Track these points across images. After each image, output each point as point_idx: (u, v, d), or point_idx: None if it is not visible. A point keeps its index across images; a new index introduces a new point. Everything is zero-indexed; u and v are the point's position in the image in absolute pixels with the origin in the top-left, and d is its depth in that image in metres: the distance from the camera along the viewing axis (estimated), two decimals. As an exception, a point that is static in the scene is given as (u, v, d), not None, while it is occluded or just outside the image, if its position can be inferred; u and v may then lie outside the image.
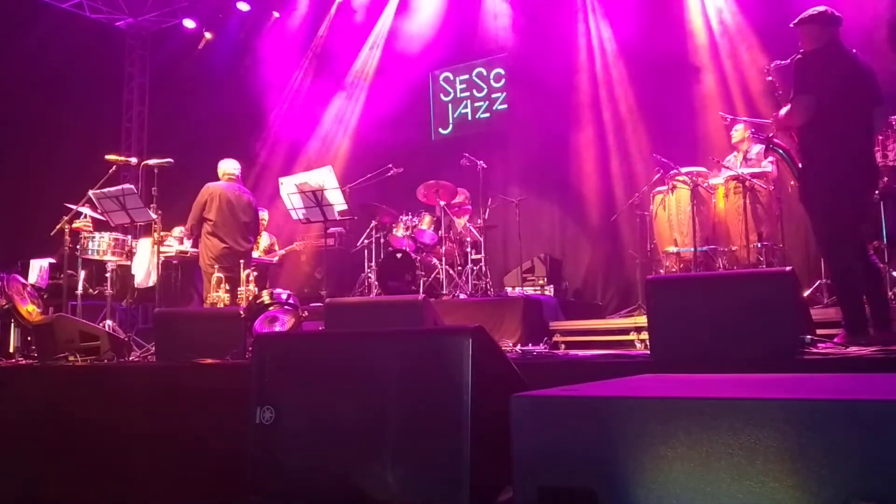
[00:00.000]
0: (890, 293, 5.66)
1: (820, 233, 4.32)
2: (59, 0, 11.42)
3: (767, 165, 7.00)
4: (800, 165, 4.37)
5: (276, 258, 8.89)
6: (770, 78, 4.81)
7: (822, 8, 4.40)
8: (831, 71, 4.22)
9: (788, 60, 4.45)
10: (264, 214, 8.72)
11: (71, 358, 5.66)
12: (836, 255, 4.24)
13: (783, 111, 4.36)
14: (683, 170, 7.15)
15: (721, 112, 7.42)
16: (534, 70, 9.75)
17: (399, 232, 8.54)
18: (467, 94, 10.77)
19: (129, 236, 7.75)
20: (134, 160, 9.55)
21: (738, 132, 7.30)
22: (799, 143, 4.36)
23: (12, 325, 7.31)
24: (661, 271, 7.30)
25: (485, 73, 10.63)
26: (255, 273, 7.42)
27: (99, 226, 7.74)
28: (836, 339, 4.07)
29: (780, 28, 7.90)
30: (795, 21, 4.46)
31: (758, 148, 7.24)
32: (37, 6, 11.10)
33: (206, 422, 4.01)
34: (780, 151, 4.62)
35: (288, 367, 2.32)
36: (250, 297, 6.81)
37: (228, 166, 7.89)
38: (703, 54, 8.66)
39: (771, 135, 4.80)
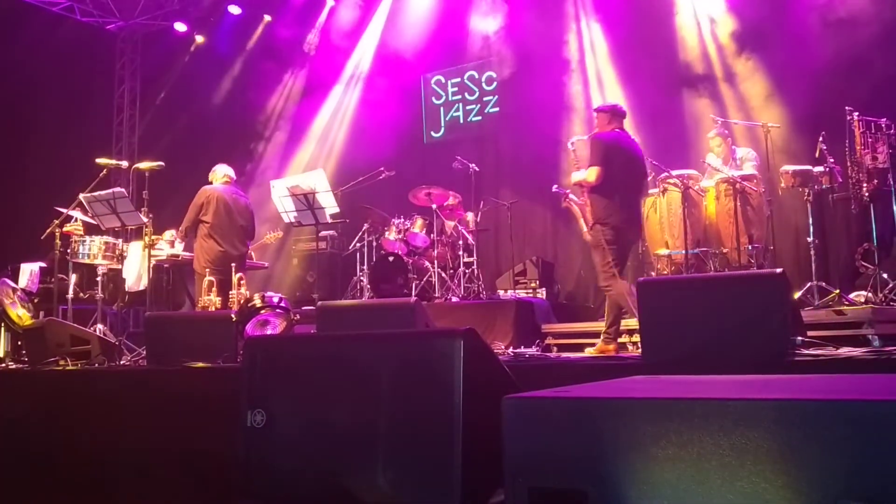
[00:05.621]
0: (881, 295, 5.70)
1: (600, 265, 5.54)
2: (49, 3, 11.37)
3: (750, 168, 7.02)
4: (591, 219, 5.70)
5: (252, 252, 8.80)
6: (572, 148, 6.46)
7: (613, 102, 6.27)
8: (615, 150, 5.59)
9: (586, 137, 6.14)
10: None
11: (62, 362, 5.64)
12: (608, 280, 5.47)
13: (579, 173, 5.78)
14: (674, 172, 7.15)
15: (712, 115, 7.44)
16: (525, 73, 9.77)
17: (391, 235, 8.52)
18: (459, 97, 10.76)
19: (120, 240, 7.71)
20: (125, 163, 9.54)
21: (717, 144, 7.31)
22: (591, 202, 5.71)
23: (2, 329, 7.28)
24: (653, 274, 7.31)
25: (476, 76, 10.63)
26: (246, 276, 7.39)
27: (90, 229, 7.70)
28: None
29: (771, 32, 8.05)
30: (595, 108, 6.12)
31: (743, 151, 7.27)
32: (27, 9, 11.05)
33: (197, 425, 4.00)
34: (575, 207, 6.35)
35: (279, 370, 2.32)
36: (242, 301, 6.79)
37: (224, 170, 7.86)
38: (693, 57, 8.68)
39: (568, 191, 6.51)
